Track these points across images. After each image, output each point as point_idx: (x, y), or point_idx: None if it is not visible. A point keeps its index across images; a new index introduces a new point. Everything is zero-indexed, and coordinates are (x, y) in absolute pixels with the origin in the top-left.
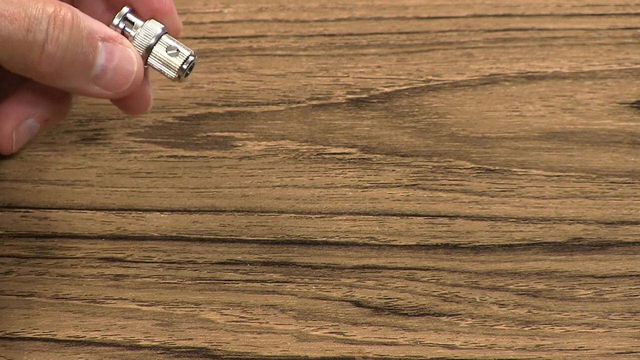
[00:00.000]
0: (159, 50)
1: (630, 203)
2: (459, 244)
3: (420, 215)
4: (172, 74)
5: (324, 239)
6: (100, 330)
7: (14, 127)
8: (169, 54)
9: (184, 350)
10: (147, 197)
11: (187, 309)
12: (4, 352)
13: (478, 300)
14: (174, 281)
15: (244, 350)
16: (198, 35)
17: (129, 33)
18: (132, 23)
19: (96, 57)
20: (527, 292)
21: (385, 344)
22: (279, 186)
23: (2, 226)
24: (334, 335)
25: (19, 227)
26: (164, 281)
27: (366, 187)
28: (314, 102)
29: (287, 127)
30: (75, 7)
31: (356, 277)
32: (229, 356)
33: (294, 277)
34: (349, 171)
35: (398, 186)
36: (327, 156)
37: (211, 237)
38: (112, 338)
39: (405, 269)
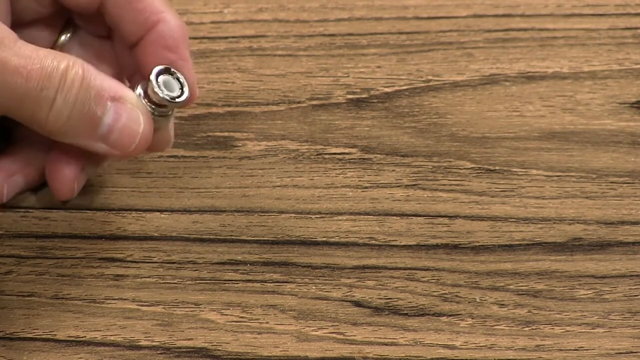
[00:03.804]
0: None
1: (630, 203)
2: (459, 244)
3: (420, 215)
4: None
5: (324, 239)
6: (100, 330)
7: (77, 171)
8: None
9: (184, 350)
10: (147, 197)
11: (187, 309)
12: (4, 352)
13: (478, 300)
14: (174, 281)
15: (244, 350)
16: (198, 35)
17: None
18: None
19: (104, 117)
20: (527, 292)
21: (385, 344)
22: (279, 186)
23: (2, 226)
24: (334, 335)
25: (19, 227)
26: (164, 281)
27: (366, 187)
28: (314, 102)
29: (287, 127)
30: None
31: (356, 277)
32: (229, 356)
33: (294, 277)
34: (349, 171)
35: (398, 186)
36: (327, 156)
37: (211, 237)
38: (112, 338)
39: (405, 269)
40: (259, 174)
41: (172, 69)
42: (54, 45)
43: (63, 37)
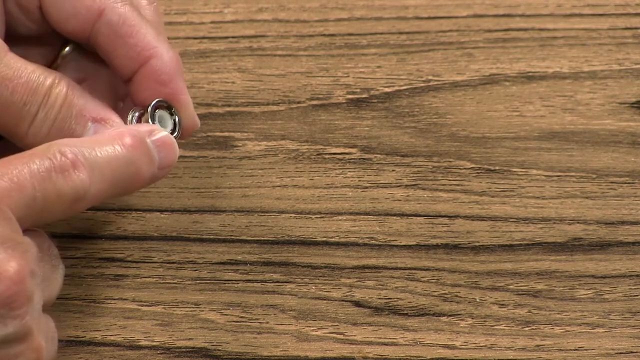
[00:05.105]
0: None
1: (630, 203)
2: (459, 244)
3: (420, 215)
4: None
5: (324, 239)
6: (100, 330)
7: None
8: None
9: (184, 350)
10: (147, 197)
11: (187, 309)
12: None
13: (478, 300)
14: (174, 281)
15: (244, 350)
16: (198, 35)
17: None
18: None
19: (83, 136)
20: (527, 292)
21: (385, 344)
22: (279, 186)
23: None
24: (334, 335)
25: None
26: (164, 281)
27: (366, 187)
28: (314, 102)
29: (287, 127)
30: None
31: (356, 277)
32: (229, 356)
33: (294, 277)
34: (349, 171)
35: (398, 186)
36: (327, 156)
37: (211, 237)
38: (112, 338)
39: (405, 269)
40: (259, 174)
41: (171, 106)
42: (52, 63)
43: (64, 53)
